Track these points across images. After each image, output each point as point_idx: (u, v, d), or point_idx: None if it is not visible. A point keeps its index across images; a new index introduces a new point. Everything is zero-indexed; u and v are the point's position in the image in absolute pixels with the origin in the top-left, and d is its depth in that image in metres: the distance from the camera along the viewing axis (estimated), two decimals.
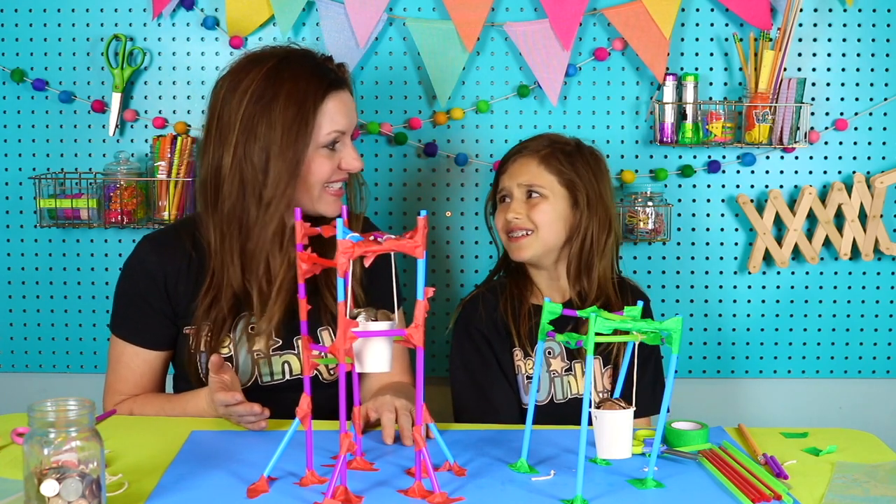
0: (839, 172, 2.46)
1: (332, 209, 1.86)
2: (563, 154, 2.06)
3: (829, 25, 2.43)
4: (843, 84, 2.45)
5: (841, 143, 2.46)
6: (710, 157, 2.45)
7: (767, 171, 2.46)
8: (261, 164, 1.77)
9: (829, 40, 2.43)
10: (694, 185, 2.47)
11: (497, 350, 2.04)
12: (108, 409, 1.85)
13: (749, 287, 2.51)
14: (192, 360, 1.84)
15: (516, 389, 2.04)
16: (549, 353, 2.04)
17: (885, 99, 2.44)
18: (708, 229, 2.49)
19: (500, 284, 2.11)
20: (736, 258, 2.50)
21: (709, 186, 2.47)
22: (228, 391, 1.64)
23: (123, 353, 1.88)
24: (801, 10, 2.37)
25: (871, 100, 2.45)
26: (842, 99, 2.45)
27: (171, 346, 1.89)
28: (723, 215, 2.48)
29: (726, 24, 2.42)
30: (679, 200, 2.47)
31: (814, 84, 2.43)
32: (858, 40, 2.43)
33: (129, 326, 1.88)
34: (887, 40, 2.43)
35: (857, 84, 2.44)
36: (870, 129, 2.46)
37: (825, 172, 2.46)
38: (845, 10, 2.42)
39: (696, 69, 2.42)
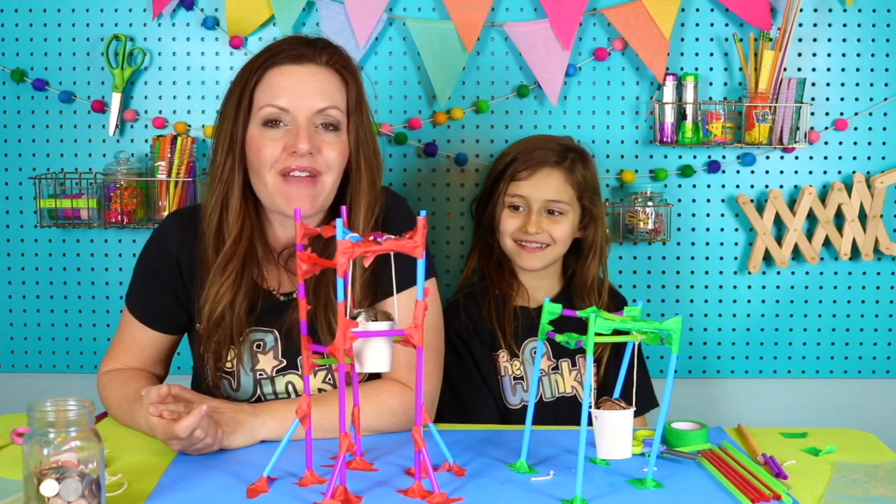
0: (839, 172, 2.46)
1: (288, 204, 1.66)
2: (580, 164, 2.10)
3: (829, 25, 2.42)
4: (843, 84, 2.44)
5: (841, 143, 2.46)
6: (710, 157, 2.45)
7: (767, 171, 2.46)
8: (213, 145, 1.74)
9: (829, 40, 2.43)
10: (694, 185, 2.47)
11: (477, 354, 2.05)
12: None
13: (749, 287, 2.50)
14: (203, 363, 1.76)
15: (498, 392, 2.04)
16: (535, 351, 2.05)
17: (885, 99, 2.44)
18: (708, 229, 2.49)
19: (480, 289, 2.12)
20: (736, 258, 2.50)
21: (709, 186, 2.47)
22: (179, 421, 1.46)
23: (130, 324, 1.80)
24: (801, 10, 2.37)
25: (871, 100, 2.45)
26: (842, 99, 2.45)
27: (179, 332, 1.82)
28: (723, 215, 2.48)
29: (726, 24, 2.42)
30: (679, 200, 2.47)
31: (814, 84, 2.43)
32: (858, 40, 2.43)
33: (139, 301, 1.79)
34: (887, 40, 2.43)
35: (857, 84, 2.44)
36: (870, 129, 2.46)
37: (825, 172, 2.46)
38: (845, 10, 2.42)
39: (696, 69, 2.42)
